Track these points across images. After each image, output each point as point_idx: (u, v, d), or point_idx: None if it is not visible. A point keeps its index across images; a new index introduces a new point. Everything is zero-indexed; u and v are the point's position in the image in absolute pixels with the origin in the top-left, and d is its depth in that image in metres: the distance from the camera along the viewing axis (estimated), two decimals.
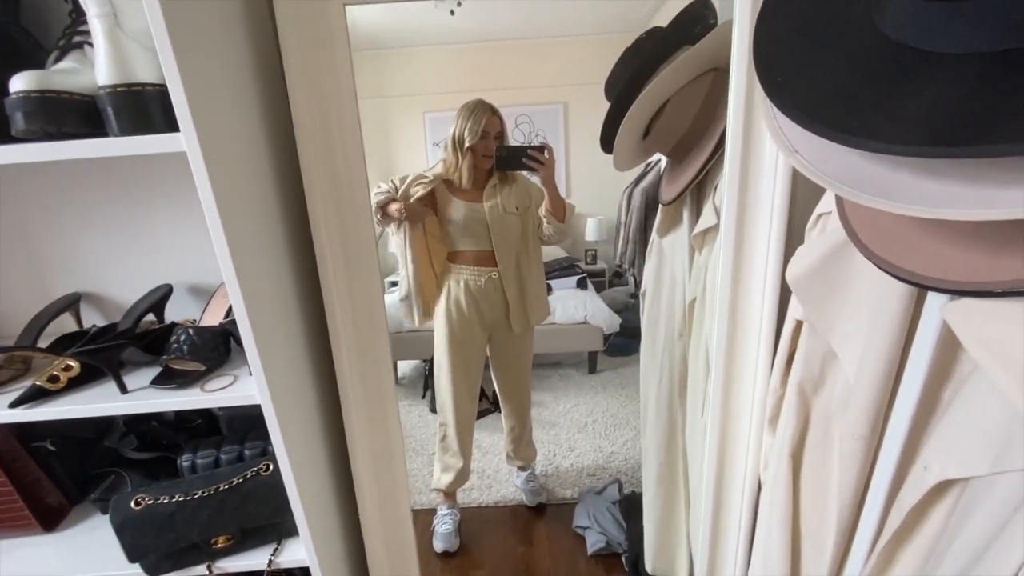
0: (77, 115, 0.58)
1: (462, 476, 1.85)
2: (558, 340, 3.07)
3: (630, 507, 1.79)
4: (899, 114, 0.34)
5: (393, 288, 3.97)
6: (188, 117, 0.54)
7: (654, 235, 1.25)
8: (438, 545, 1.78)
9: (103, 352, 0.69)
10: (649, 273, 1.28)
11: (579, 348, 3.15)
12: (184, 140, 0.55)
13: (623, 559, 1.66)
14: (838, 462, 0.61)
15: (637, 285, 4.19)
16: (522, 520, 1.93)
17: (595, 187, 4.41)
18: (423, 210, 1.62)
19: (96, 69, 0.56)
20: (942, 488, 0.49)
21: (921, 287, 0.44)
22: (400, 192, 1.59)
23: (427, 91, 4.32)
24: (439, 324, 1.72)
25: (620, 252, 3.93)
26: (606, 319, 3.09)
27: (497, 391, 1.94)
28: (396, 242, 1.70)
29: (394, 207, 1.57)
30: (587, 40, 4.16)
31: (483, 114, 1.56)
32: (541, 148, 1.52)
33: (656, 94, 0.96)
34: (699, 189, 1.05)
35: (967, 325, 0.41)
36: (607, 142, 1.11)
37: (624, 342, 3.49)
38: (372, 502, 0.94)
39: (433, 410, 2.80)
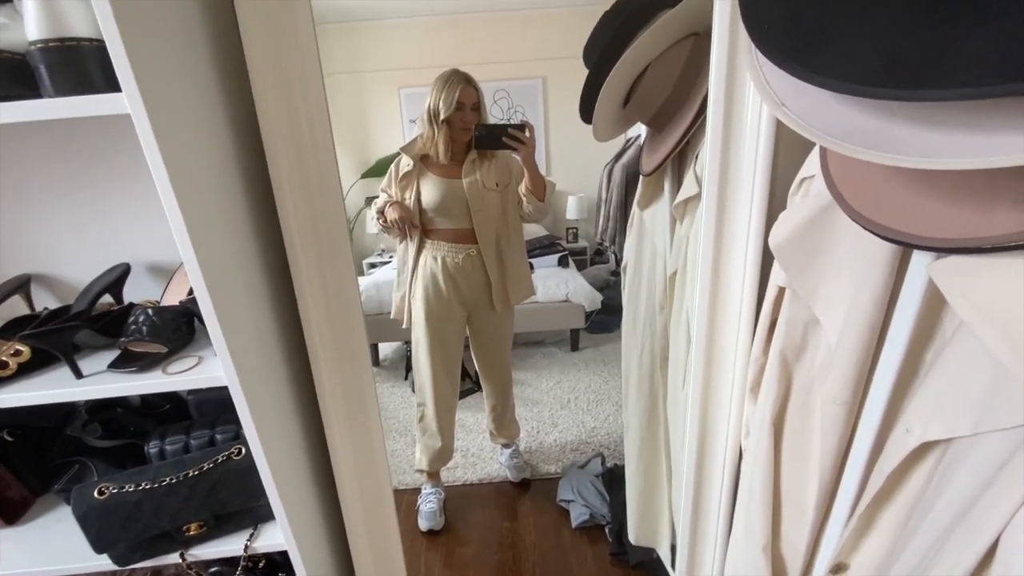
0: (6, 75, 0.53)
1: (443, 455, 1.84)
2: (540, 318, 3.07)
3: (613, 480, 1.81)
4: (894, 56, 0.32)
5: (372, 269, 3.90)
6: (130, 75, 0.49)
7: (635, 208, 1.23)
8: (423, 524, 1.78)
9: (54, 335, 0.65)
10: (630, 247, 1.27)
11: (561, 326, 3.16)
12: (127, 100, 0.50)
13: (607, 530, 1.69)
14: (820, 428, 0.61)
15: (618, 262, 4.20)
16: (507, 496, 1.94)
17: (576, 164, 4.37)
18: (405, 219, 1.59)
19: (25, 23, 0.51)
20: (923, 450, 0.48)
21: (907, 246, 0.42)
22: (393, 195, 1.60)
23: (402, 66, 4.19)
24: (416, 302, 1.68)
25: (601, 229, 3.91)
26: (588, 297, 3.09)
27: (478, 370, 1.92)
28: (400, 250, 1.72)
29: (392, 214, 1.57)
30: (566, 12, 4.08)
31: (457, 85, 1.49)
32: (522, 127, 1.47)
33: (635, 59, 0.93)
34: (680, 159, 1.03)
35: (954, 283, 0.40)
36: (586, 110, 1.08)
37: (606, 319, 3.50)
38: (351, 482, 0.92)
39: (415, 391, 2.79)
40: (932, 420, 0.46)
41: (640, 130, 1.71)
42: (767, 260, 0.74)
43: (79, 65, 0.51)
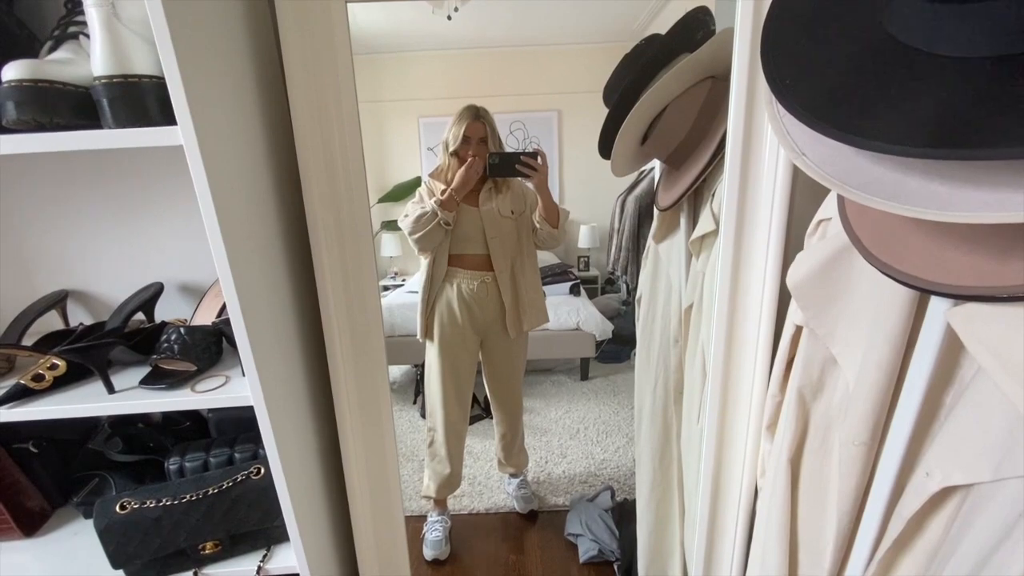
0: (70, 106, 0.56)
1: (451, 483, 1.83)
2: (550, 346, 3.06)
3: (623, 514, 1.78)
4: (907, 115, 0.34)
5: (385, 292, 3.94)
6: (186, 110, 0.53)
7: (650, 241, 1.25)
8: (428, 553, 1.76)
9: (90, 350, 0.67)
10: (645, 279, 1.28)
11: (571, 355, 3.15)
12: (181, 134, 0.53)
13: (615, 567, 1.65)
14: (837, 469, 0.61)
15: (629, 292, 4.21)
16: (513, 527, 1.91)
17: (588, 194, 4.43)
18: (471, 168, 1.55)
19: (92, 59, 0.55)
20: (944, 495, 0.48)
21: (924, 291, 0.44)
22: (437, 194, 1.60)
23: (422, 96, 4.33)
24: (430, 327, 1.71)
25: (613, 259, 3.94)
26: (598, 326, 3.09)
27: (489, 397, 1.92)
28: (424, 268, 1.70)
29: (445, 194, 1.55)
30: (582, 48, 4.20)
31: (465, 120, 1.57)
32: (534, 154, 1.51)
33: (655, 100, 0.97)
34: (696, 195, 1.05)
35: (972, 329, 0.40)
36: (605, 148, 1.11)
37: (616, 349, 3.49)
38: (365, 508, 0.92)
39: (424, 415, 2.78)
40: (953, 465, 0.46)
41: (653, 163, 1.75)
42: (784, 298, 0.75)
43: (139, 99, 0.55)
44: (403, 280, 4.15)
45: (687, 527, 1.15)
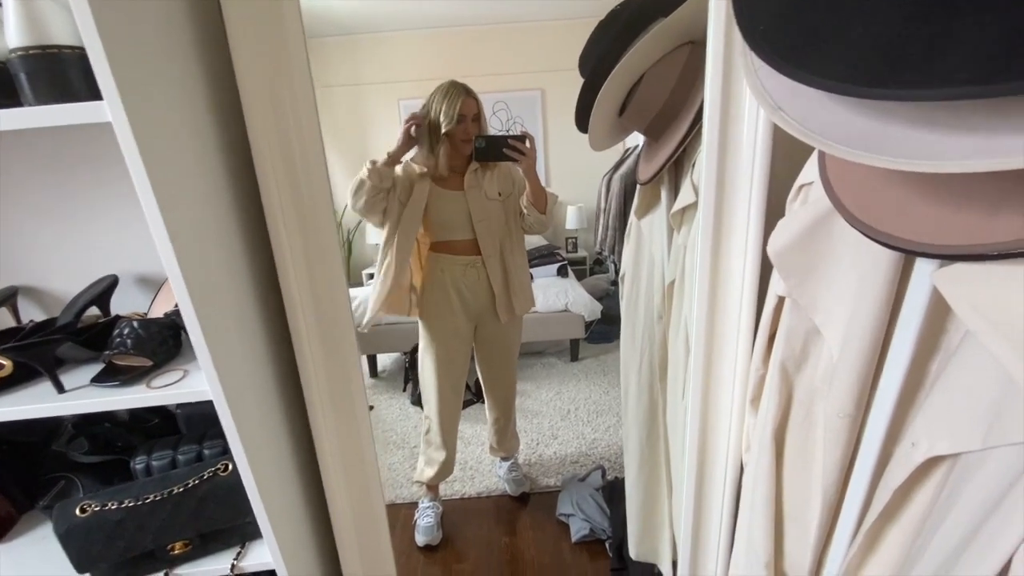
0: None
1: (446, 468, 1.81)
2: (539, 329, 3.04)
3: (613, 493, 1.78)
4: (851, 49, 0.31)
5: (371, 280, 3.89)
6: (111, 83, 0.48)
7: (632, 217, 1.22)
8: (420, 539, 1.75)
9: (34, 348, 0.63)
10: (628, 256, 1.25)
11: (561, 336, 3.14)
12: (108, 109, 0.49)
13: (607, 545, 1.65)
14: (822, 441, 0.59)
15: (617, 272, 4.19)
16: (505, 510, 1.91)
17: (575, 175, 4.38)
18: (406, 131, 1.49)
19: (6, 30, 0.50)
20: (930, 465, 0.47)
21: (910, 253, 0.41)
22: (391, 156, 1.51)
23: (401, 78, 4.21)
24: (422, 316, 1.66)
25: (600, 239, 3.91)
26: (587, 307, 3.08)
27: (481, 382, 1.90)
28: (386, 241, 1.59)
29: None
30: (565, 24, 4.10)
31: (458, 96, 1.47)
32: (522, 137, 1.44)
33: (630, 68, 0.93)
34: (677, 167, 1.02)
35: (960, 291, 0.38)
36: (582, 119, 1.07)
37: (605, 329, 3.48)
38: (342, 500, 0.90)
39: (414, 403, 2.76)
40: (939, 434, 0.45)
41: (639, 140, 1.71)
42: (766, 269, 0.72)
43: (59, 72, 0.50)
44: None
45: (675, 504, 1.14)
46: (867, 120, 0.36)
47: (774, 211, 0.71)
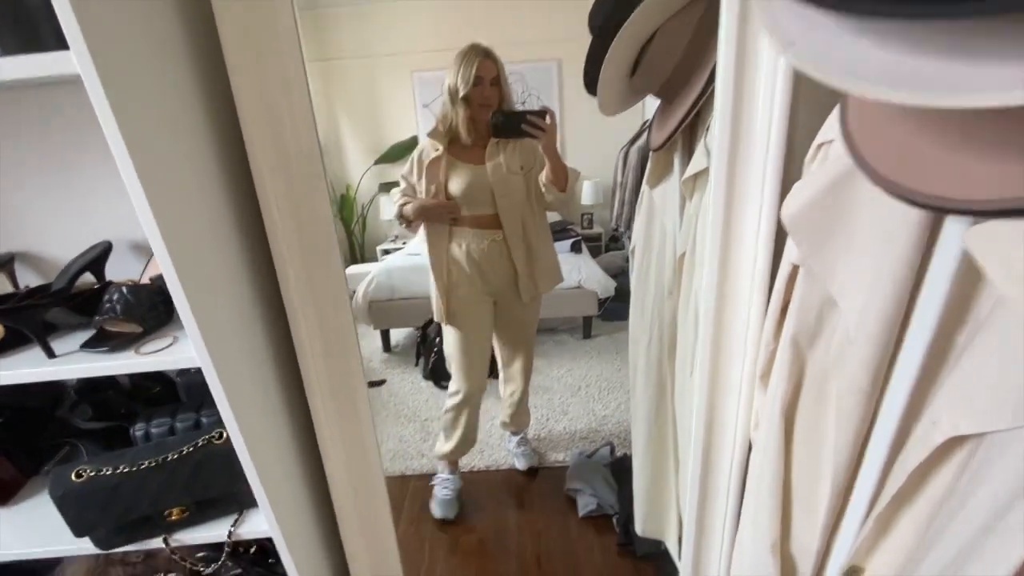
0: None
1: (467, 441, 1.80)
2: (552, 305, 3.01)
3: (621, 469, 1.77)
4: None
5: (385, 255, 3.89)
6: (77, 30, 0.45)
7: (644, 187, 1.17)
8: (437, 511, 1.75)
9: (23, 312, 0.63)
10: (639, 228, 1.21)
11: (573, 313, 3.10)
12: (76, 59, 0.46)
13: (614, 520, 1.65)
14: (835, 420, 0.56)
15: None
16: (514, 484, 1.91)
17: (591, 149, 4.27)
18: (444, 208, 1.53)
19: None
20: (951, 445, 0.43)
21: (938, 210, 0.36)
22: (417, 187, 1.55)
23: (414, 49, 4.12)
24: (445, 296, 1.61)
25: (616, 214, 3.82)
26: (601, 283, 3.03)
27: (498, 356, 1.86)
28: (431, 245, 1.62)
29: (409, 208, 1.53)
30: None
31: (475, 58, 1.41)
32: (542, 113, 1.37)
33: (643, 22, 0.87)
34: (691, 131, 0.96)
35: (993, 251, 0.34)
36: (591, 81, 1.02)
37: (620, 307, 3.43)
38: (340, 468, 0.90)
39: (426, 378, 2.77)
40: (963, 412, 0.41)
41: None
42: (781, 238, 0.68)
43: (26, 20, 0.48)
44: (403, 243, 4.08)
45: (681, 482, 1.12)
46: (895, 54, 0.31)
47: (792, 175, 0.66)
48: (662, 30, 0.89)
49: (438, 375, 2.71)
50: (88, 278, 0.80)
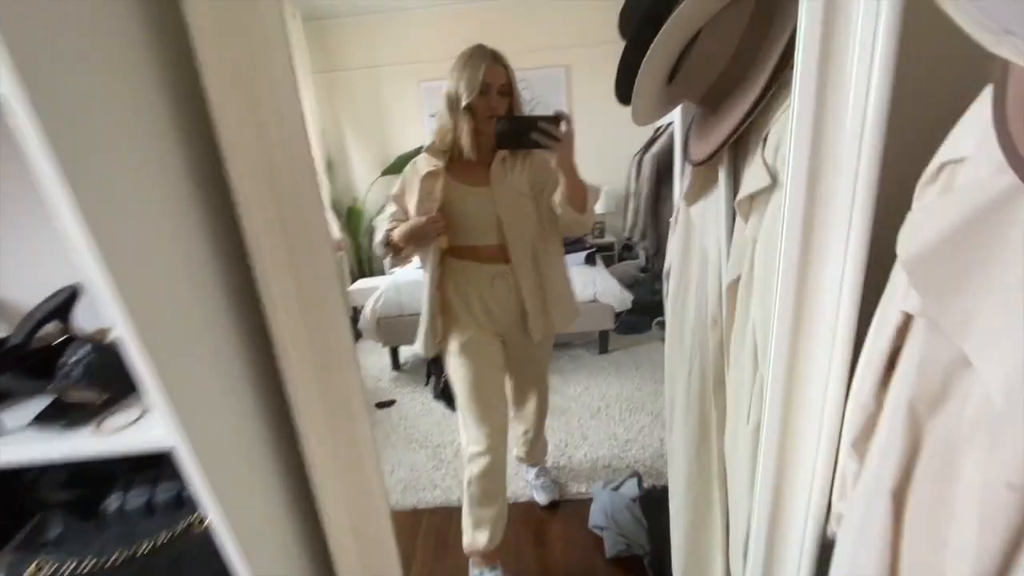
0: None
1: (499, 524, 1.46)
2: None
3: (651, 503, 1.64)
4: None
5: (393, 270, 3.79)
6: None
7: (680, 203, 1.05)
8: None
9: None
10: (674, 249, 1.09)
11: (589, 328, 2.98)
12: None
13: (645, 562, 1.52)
14: (977, 512, 0.44)
15: (647, 258, 3.99)
16: (534, 519, 1.79)
17: (602, 156, 4.16)
18: (431, 224, 1.25)
19: None
20: None
21: None
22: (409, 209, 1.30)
23: (421, 59, 4.05)
24: (447, 341, 1.41)
25: (630, 224, 3.70)
26: (617, 296, 2.91)
27: (511, 396, 1.67)
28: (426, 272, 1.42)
29: (397, 233, 1.27)
30: None
31: (482, 62, 1.21)
32: (555, 119, 1.15)
33: (686, 21, 0.75)
34: (740, 143, 0.84)
35: None
36: (623, 89, 0.91)
37: (636, 319, 3.31)
38: (350, 558, 0.78)
39: (437, 397, 2.65)
40: None
41: (672, 116, 1.51)
42: (872, 272, 0.56)
43: None
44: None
45: (733, 542, 0.99)
46: None
47: (891, 197, 0.54)
48: (707, 29, 0.77)
49: (449, 396, 2.58)
50: (56, 327, 0.69)
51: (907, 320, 0.49)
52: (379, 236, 1.33)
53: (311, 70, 3.83)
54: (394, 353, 3.12)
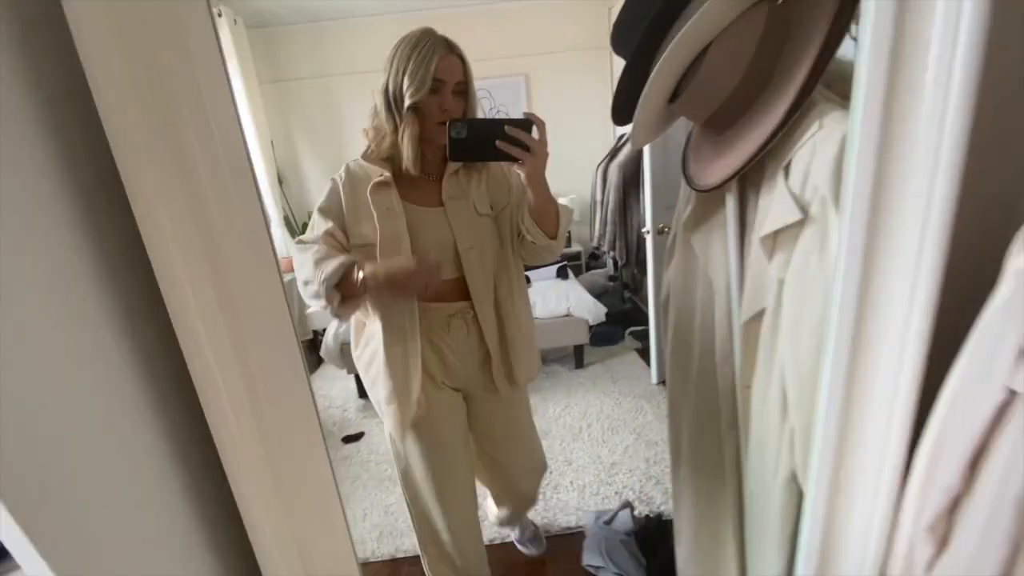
0: None
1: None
2: (541, 336, 2.77)
3: (648, 536, 1.56)
4: None
5: None
6: None
7: (679, 229, 0.97)
8: None
9: None
10: (674, 278, 1.01)
11: (563, 343, 2.91)
12: None
13: None
14: None
15: (616, 267, 3.96)
16: (520, 561, 1.67)
17: (565, 164, 4.04)
18: (426, 273, 0.96)
19: None
20: None
21: None
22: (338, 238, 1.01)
23: (375, 68, 3.85)
24: (391, 400, 1.06)
25: (598, 234, 3.66)
26: (591, 309, 2.84)
27: (489, 485, 1.37)
28: (369, 333, 1.10)
29: (371, 274, 0.94)
30: (549, 4, 3.81)
31: (432, 52, 0.94)
32: (526, 122, 0.90)
33: (694, 36, 0.67)
34: (750, 170, 0.77)
35: None
36: (621, 109, 0.82)
37: (608, 330, 3.26)
38: None
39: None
40: None
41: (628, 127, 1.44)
42: (946, 327, 0.48)
43: None
44: None
45: None
46: None
47: (972, 233, 0.47)
48: (716, 44, 0.69)
49: None
50: None
51: (1010, 400, 0.41)
52: (318, 275, 0.94)
53: (259, 80, 3.61)
54: (359, 380, 2.94)
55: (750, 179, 0.77)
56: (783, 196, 0.65)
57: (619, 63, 0.77)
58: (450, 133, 0.90)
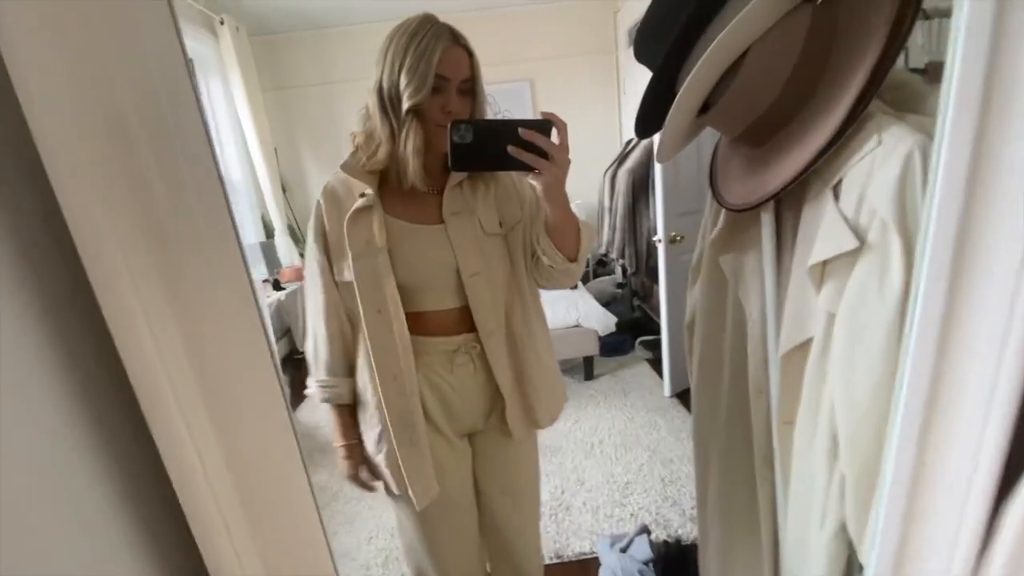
0: None
1: None
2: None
3: (667, 564, 1.48)
4: None
5: None
6: None
7: (704, 248, 0.90)
8: None
9: None
10: (700, 300, 0.94)
11: (573, 355, 2.83)
12: None
13: None
14: None
15: (625, 274, 3.89)
16: None
17: (571, 171, 4.04)
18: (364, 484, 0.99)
19: None
20: None
21: None
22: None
23: None
24: (388, 451, 0.94)
25: (607, 241, 3.59)
26: (600, 320, 2.77)
27: (486, 519, 1.10)
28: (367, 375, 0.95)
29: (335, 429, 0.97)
30: (554, 8, 3.77)
31: (436, 43, 0.80)
32: (545, 124, 0.75)
33: (733, 42, 0.61)
34: (797, 189, 0.70)
35: None
36: (647, 122, 0.75)
37: (618, 339, 3.18)
38: None
39: None
40: None
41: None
42: None
43: None
44: None
45: None
46: None
47: None
48: (754, 52, 0.62)
49: None
50: None
51: None
52: (318, 370, 0.96)
53: (262, 88, 3.58)
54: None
55: (788, 198, 0.70)
56: (835, 220, 0.58)
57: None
58: (452, 137, 0.75)
